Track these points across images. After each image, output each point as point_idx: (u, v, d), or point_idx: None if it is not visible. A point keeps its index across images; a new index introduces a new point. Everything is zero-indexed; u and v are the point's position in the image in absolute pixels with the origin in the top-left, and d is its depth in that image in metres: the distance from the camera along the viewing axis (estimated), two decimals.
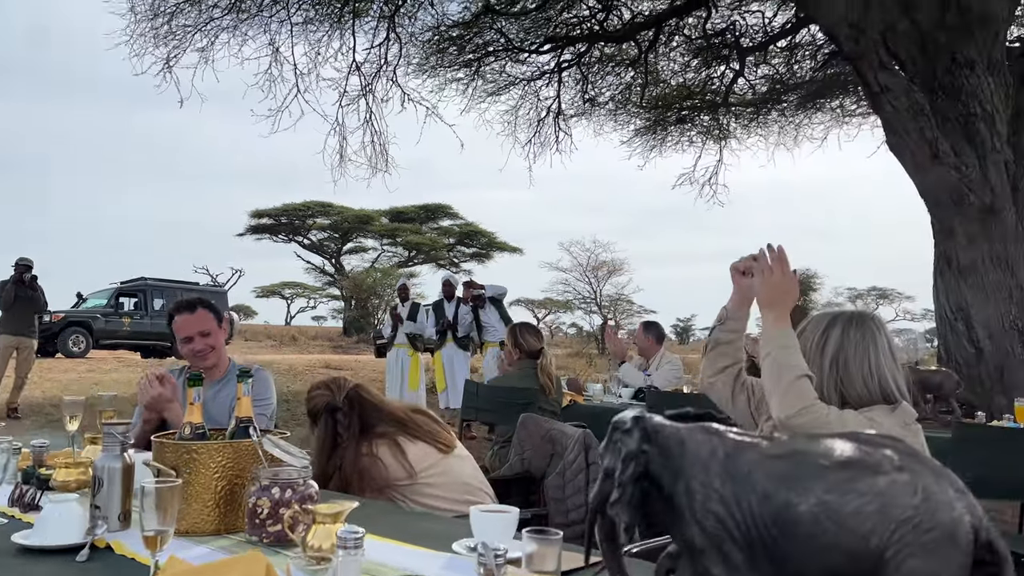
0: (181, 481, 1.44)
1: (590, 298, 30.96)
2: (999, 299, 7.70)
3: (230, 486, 1.68)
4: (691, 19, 11.91)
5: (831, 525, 0.75)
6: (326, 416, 2.41)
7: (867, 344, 1.81)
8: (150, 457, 1.75)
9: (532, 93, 12.89)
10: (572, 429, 2.53)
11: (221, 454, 1.69)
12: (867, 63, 7.73)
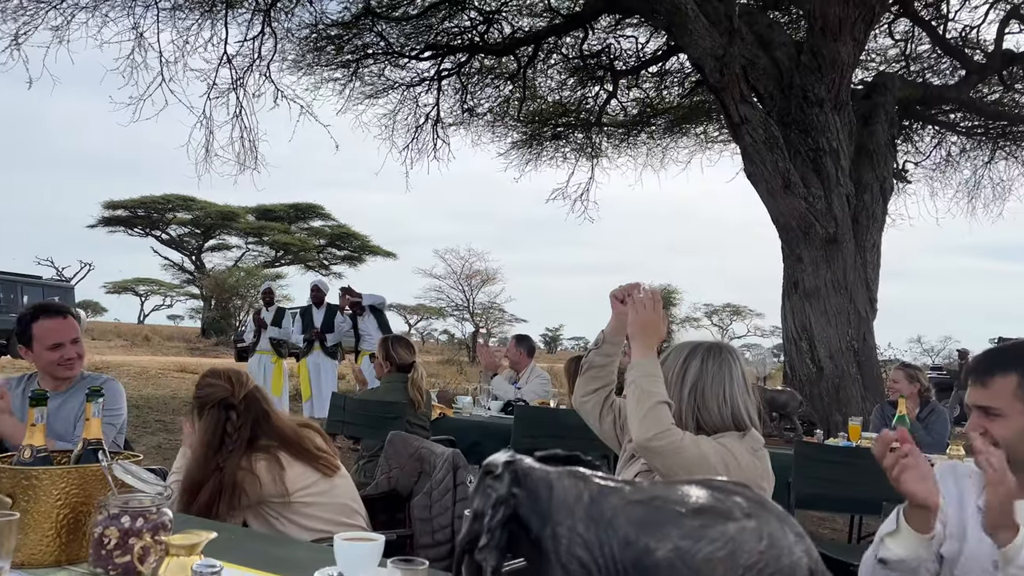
0: (17, 515, 1.33)
1: (463, 306, 31.04)
2: (839, 322, 8.35)
3: (74, 514, 1.57)
4: (569, 39, 12.22)
5: (686, 571, 0.80)
6: (219, 411, 2.26)
7: (723, 375, 1.93)
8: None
9: (411, 99, 12.83)
10: (441, 448, 2.53)
11: (65, 480, 1.57)
12: (729, 95, 8.20)
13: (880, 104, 9.36)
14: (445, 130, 13.15)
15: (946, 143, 13.32)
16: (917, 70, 12.13)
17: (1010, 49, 10.36)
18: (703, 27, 8.01)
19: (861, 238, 8.68)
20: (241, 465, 2.22)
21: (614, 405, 2.15)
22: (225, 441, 2.25)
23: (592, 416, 2.15)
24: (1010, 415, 1.65)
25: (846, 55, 8.30)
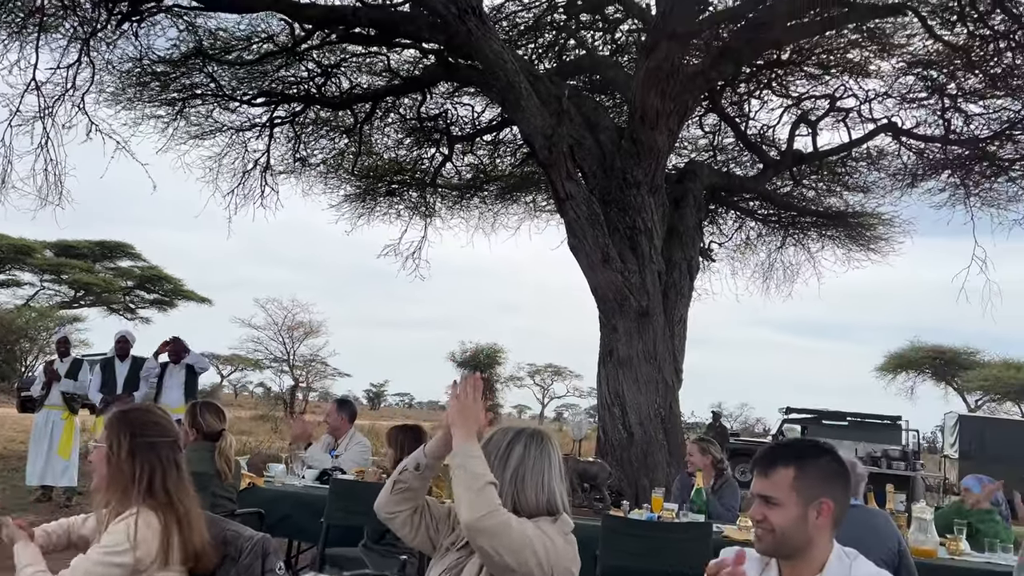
0: None
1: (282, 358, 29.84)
2: (648, 390, 8.86)
3: None
4: (408, 100, 12.41)
5: None
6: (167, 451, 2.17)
7: (544, 462, 2.03)
8: None
9: (240, 143, 12.43)
10: (250, 532, 2.42)
11: None
12: (557, 172, 8.64)
13: (690, 189, 10.21)
14: (275, 177, 12.83)
15: (746, 227, 14.71)
16: (723, 160, 13.39)
17: (799, 149, 11.70)
18: (535, 105, 8.43)
19: (670, 312, 9.32)
20: None
21: (425, 512, 2.17)
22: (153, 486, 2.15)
23: (403, 529, 2.17)
24: (787, 504, 1.84)
25: (662, 143, 9.02)
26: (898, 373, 32.08)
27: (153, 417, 2.29)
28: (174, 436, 2.29)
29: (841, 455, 1.95)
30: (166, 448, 2.24)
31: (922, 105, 11.25)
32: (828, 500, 1.84)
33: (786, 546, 1.83)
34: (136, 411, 2.34)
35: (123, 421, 2.25)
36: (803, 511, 1.83)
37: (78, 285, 29.27)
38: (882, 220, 13.17)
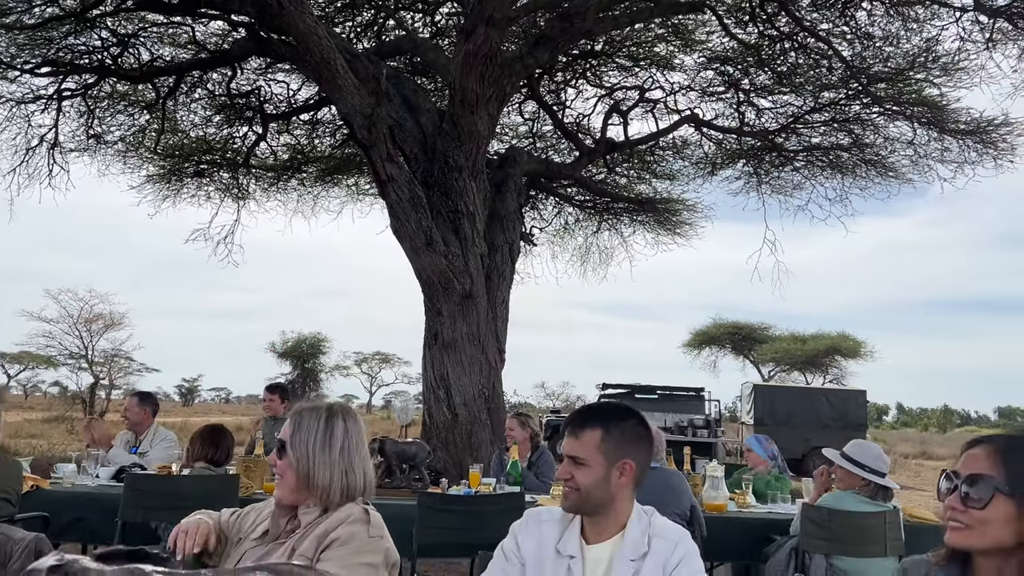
0: None
1: (80, 354, 27.32)
2: (473, 371, 8.97)
3: None
4: (216, 75, 11.71)
5: None
6: None
7: (362, 436, 1.98)
8: None
9: (22, 117, 11.20)
10: (22, 534, 2.19)
11: None
12: (377, 153, 8.49)
13: (511, 175, 10.41)
14: (64, 155, 11.69)
15: (564, 213, 15.24)
16: (542, 147, 13.76)
17: (612, 138, 12.25)
18: (352, 84, 8.22)
19: (493, 294, 9.48)
20: None
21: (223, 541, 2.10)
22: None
23: None
24: (593, 464, 1.90)
25: (482, 128, 9.10)
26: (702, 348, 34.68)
27: None
28: None
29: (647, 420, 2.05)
30: None
31: (720, 98, 12.14)
32: (631, 461, 1.92)
33: (590, 504, 1.90)
34: None
35: None
36: (607, 471, 1.90)
37: None
38: (686, 206, 14.11)
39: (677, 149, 13.30)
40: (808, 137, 12.07)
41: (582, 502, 1.90)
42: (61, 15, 9.96)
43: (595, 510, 1.92)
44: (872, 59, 10.33)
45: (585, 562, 1.88)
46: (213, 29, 11.08)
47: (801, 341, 32.04)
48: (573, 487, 1.90)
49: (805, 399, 17.95)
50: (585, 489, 1.89)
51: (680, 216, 14.21)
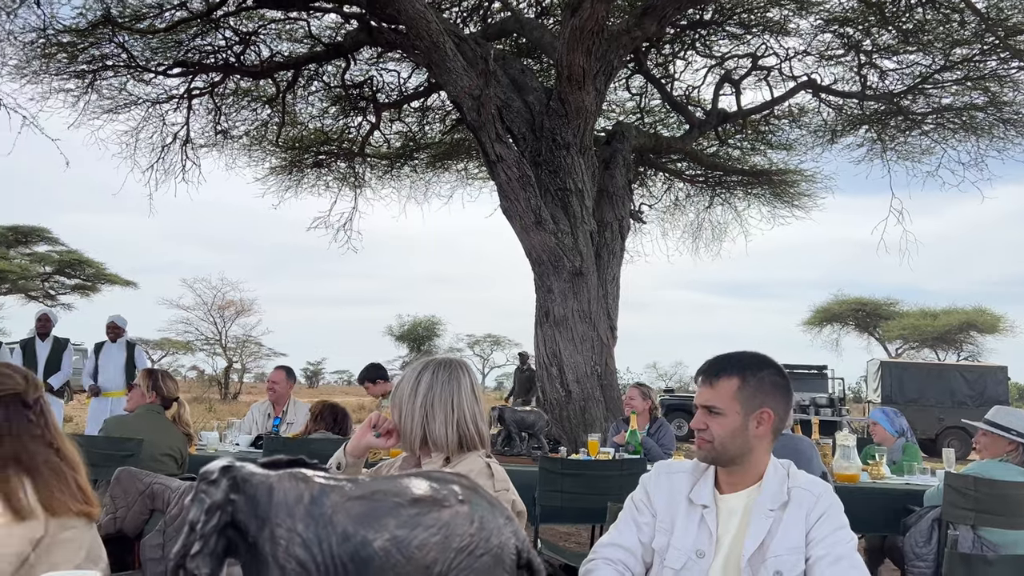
0: None
1: (215, 339, 29.10)
2: (584, 348, 8.97)
3: None
4: (331, 67, 12.13)
5: (400, 558, 0.83)
6: (13, 402, 1.97)
7: (451, 388, 2.00)
8: None
9: (157, 116, 11.97)
10: (177, 482, 2.37)
11: None
12: (486, 134, 8.58)
13: (619, 150, 10.29)
14: (196, 151, 12.42)
15: (674, 189, 14.94)
16: (650, 122, 13.52)
17: (723, 108, 11.89)
18: (461, 66, 8.33)
19: (603, 271, 9.43)
20: None
21: None
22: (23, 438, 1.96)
23: None
24: (728, 413, 1.85)
25: (589, 104, 9.04)
26: (823, 326, 33.27)
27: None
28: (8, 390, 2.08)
29: None
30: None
31: (839, 62, 11.56)
32: (768, 410, 1.87)
33: (725, 455, 1.86)
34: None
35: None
36: (744, 420, 1.85)
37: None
38: (804, 176, 13.54)
39: (793, 117, 12.77)
40: (938, 98, 11.33)
41: (717, 453, 1.86)
42: (189, 17, 10.57)
43: (731, 460, 1.87)
44: (1011, 9, 9.57)
45: (719, 512, 1.85)
46: (327, 23, 11.47)
47: (932, 316, 30.23)
48: (707, 438, 1.86)
49: (938, 376, 16.95)
50: (720, 439, 1.85)
51: (798, 187, 13.65)
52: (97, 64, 10.94)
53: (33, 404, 2.05)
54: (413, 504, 0.86)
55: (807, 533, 1.77)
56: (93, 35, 10.56)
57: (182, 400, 4.19)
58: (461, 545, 0.85)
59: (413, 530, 0.84)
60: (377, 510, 0.85)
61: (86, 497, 2.03)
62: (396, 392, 1.99)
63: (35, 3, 9.92)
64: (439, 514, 0.86)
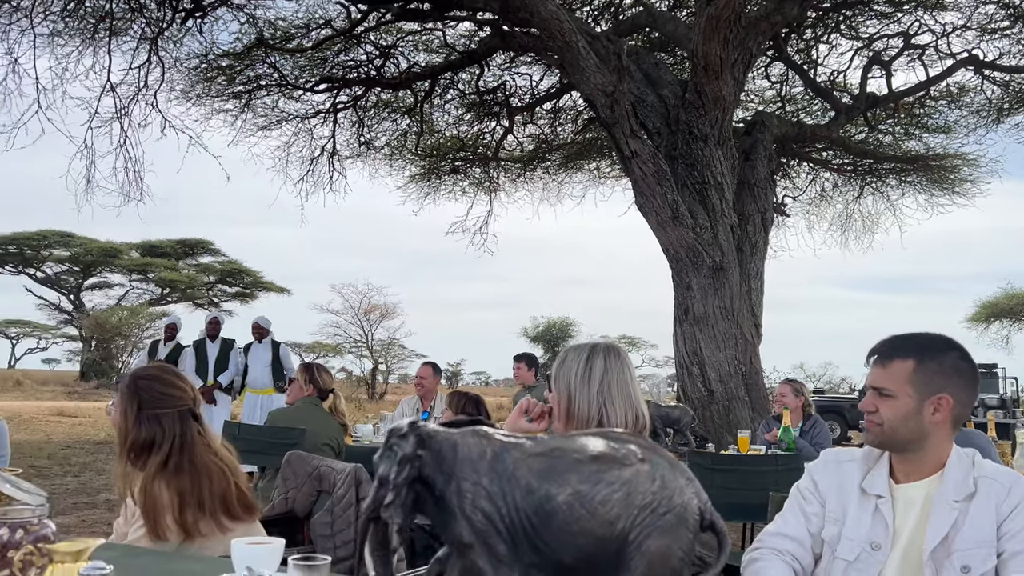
0: None
1: (361, 342, 30.52)
2: (727, 346, 8.71)
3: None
4: (465, 75, 12.42)
5: (583, 512, 0.83)
6: (186, 416, 2.12)
7: (626, 373, 1.99)
8: None
9: (306, 131, 12.68)
10: (342, 464, 2.50)
11: None
12: (620, 130, 8.52)
13: (759, 140, 9.94)
14: (341, 162, 13.06)
15: (820, 179, 14.24)
16: (792, 110, 12.96)
17: (873, 92, 11.23)
18: (594, 64, 8.32)
19: (745, 266, 9.13)
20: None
21: None
22: (172, 455, 2.07)
23: None
24: (900, 397, 1.73)
25: (727, 93, 8.78)
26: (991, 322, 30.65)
27: (160, 387, 2.20)
28: (183, 403, 2.20)
29: None
30: (170, 418, 2.15)
31: (1005, 35, 10.66)
32: (948, 396, 1.73)
33: (896, 440, 1.74)
34: (145, 380, 2.23)
35: (132, 390, 2.20)
36: (918, 405, 1.72)
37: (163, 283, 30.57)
38: (966, 161, 12.56)
39: (952, 97, 11.88)
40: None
41: (886, 437, 1.74)
42: (333, 35, 11.15)
43: (903, 447, 1.75)
44: None
45: (895, 502, 1.74)
46: (461, 31, 11.76)
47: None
48: (876, 420, 1.75)
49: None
50: (890, 423, 1.73)
51: (959, 173, 12.68)
52: (252, 84, 11.72)
53: (199, 417, 2.21)
54: (593, 461, 0.86)
55: (998, 526, 1.63)
56: (248, 58, 11.34)
57: (337, 392, 4.41)
58: (644, 503, 0.84)
59: (595, 486, 0.85)
60: (558, 466, 0.86)
61: (245, 498, 2.16)
62: (560, 376, 1.98)
63: (198, 31, 10.78)
64: (620, 472, 0.86)
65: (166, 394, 2.16)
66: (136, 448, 2.11)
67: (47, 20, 9.89)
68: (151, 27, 10.45)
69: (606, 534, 0.83)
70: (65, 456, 9.02)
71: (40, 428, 12.13)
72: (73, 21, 10.16)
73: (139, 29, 10.55)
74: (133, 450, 2.12)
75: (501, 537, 0.84)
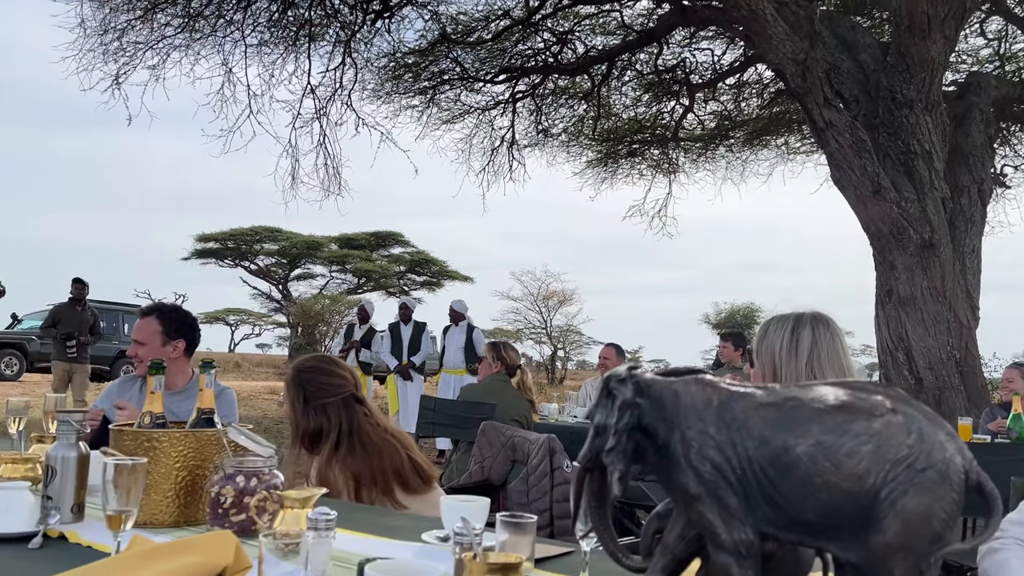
0: (146, 460, 1.39)
1: (540, 327, 31.02)
2: (938, 331, 7.96)
3: (191, 477, 1.63)
4: (643, 55, 12.19)
5: (827, 464, 0.76)
6: (349, 401, 2.24)
7: (835, 343, 1.85)
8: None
9: (487, 122, 13.00)
10: (535, 435, 2.52)
11: (183, 443, 1.63)
12: (813, 100, 8.00)
13: (974, 104, 8.98)
14: (520, 151, 13.26)
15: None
16: (1012, 70, 11.60)
17: None
18: (782, 31, 7.86)
19: (959, 243, 8.31)
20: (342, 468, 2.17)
21: None
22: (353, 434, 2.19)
23: None
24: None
25: (936, 53, 8.00)
26: None
27: (322, 378, 2.29)
28: (345, 390, 2.28)
29: None
30: (334, 406, 2.24)
31: None
32: None
33: None
34: (306, 372, 2.33)
35: (296, 383, 2.30)
36: None
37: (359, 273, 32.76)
38: None
39: None
40: None
41: None
42: (511, 24, 11.32)
43: None
44: None
45: None
46: (639, 10, 11.55)
47: None
48: None
49: None
50: None
51: None
52: (436, 79, 12.18)
53: (363, 399, 2.29)
54: (836, 411, 0.79)
55: None
56: (432, 54, 11.79)
57: (524, 367, 4.50)
58: (898, 456, 0.76)
59: (840, 437, 0.77)
60: (796, 416, 0.80)
61: (420, 468, 2.23)
62: (763, 350, 1.88)
63: (386, 31, 11.35)
64: (868, 423, 0.78)
65: (328, 384, 2.28)
66: (308, 437, 2.25)
67: (256, 31, 10.81)
68: (345, 31, 11.14)
69: (853, 489, 0.75)
70: (279, 430, 9.88)
71: (257, 405, 13.38)
72: (278, 30, 11.03)
73: (334, 33, 11.28)
74: (305, 439, 2.26)
75: (732, 489, 0.79)
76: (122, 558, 1.22)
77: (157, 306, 3.02)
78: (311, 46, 11.30)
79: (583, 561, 1.34)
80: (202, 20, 10.47)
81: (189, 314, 3.04)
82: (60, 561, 1.34)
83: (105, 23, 10.03)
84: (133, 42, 10.37)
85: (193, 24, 10.45)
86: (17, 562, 1.36)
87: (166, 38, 10.53)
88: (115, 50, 10.29)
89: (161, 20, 10.30)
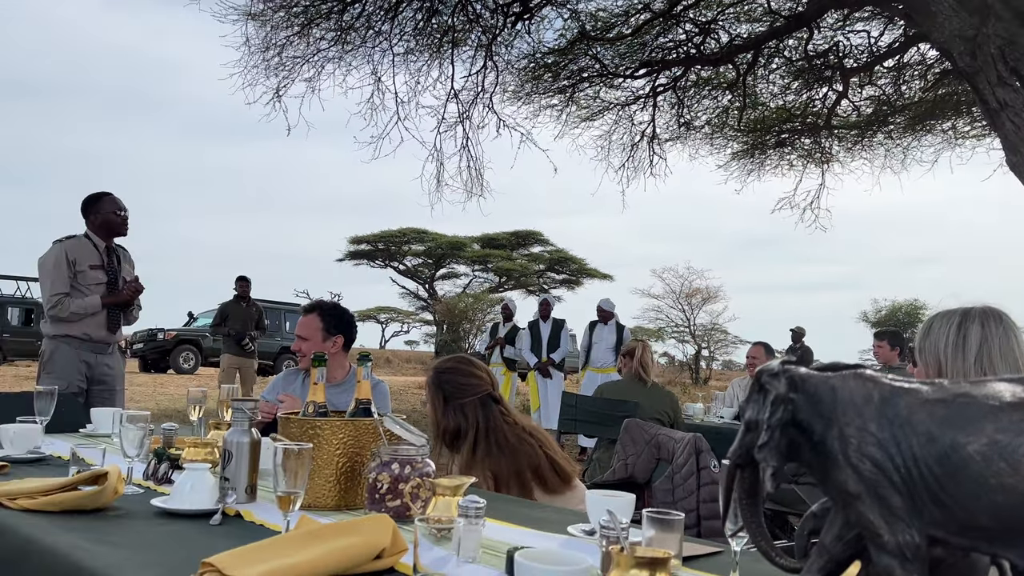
0: (311, 446, 1.49)
1: (683, 326, 30.36)
2: None
3: (350, 463, 1.73)
4: (792, 41, 11.67)
5: (1003, 465, 0.71)
6: (487, 401, 2.31)
7: (1010, 340, 1.70)
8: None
9: (626, 118, 12.87)
10: (680, 434, 2.49)
11: (343, 431, 1.74)
12: (984, 79, 7.38)
13: None
14: (661, 146, 13.05)
15: None
16: None
17: None
18: (948, 7, 7.30)
19: None
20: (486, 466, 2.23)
21: None
22: (490, 434, 2.25)
23: None
24: None
25: None
26: None
27: (460, 379, 2.36)
28: (482, 390, 2.33)
29: None
30: (472, 406, 2.29)
31: None
32: None
33: None
34: (445, 373, 2.40)
35: (436, 384, 2.38)
36: None
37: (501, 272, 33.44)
38: None
39: None
40: None
41: None
42: (652, 17, 11.16)
43: None
44: None
45: None
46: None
47: None
48: None
49: None
50: None
51: None
52: (575, 78, 12.20)
53: (500, 399, 2.33)
54: (1014, 409, 0.73)
55: None
56: (571, 52, 11.82)
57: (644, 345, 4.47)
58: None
59: (1018, 436, 0.72)
60: (967, 413, 0.75)
61: (559, 466, 2.25)
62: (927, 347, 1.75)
63: (526, 32, 11.49)
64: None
65: (465, 384, 2.34)
66: (448, 435, 2.33)
67: (402, 40, 11.25)
68: (486, 35, 11.38)
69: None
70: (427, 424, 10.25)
71: (406, 400, 13.93)
72: (423, 38, 11.43)
73: (476, 38, 11.56)
74: (446, 437, 2.34)
75: (895, 488, 0.75)
76: (292, 536, 1.32)
77: (318, 304, 3.20)
78: (454, 52, 11.64)
79: (733, 561, 1.31)
80: (353, 32, 11.02)
81: (347, 311, 3.21)
82: (237, 537, 1.46)
83: (267, 40, 10.77)
84: (292, 57, 11.07)
85: (345, 37, 11.03)
86: (201, 537, 1.50)
87: (320, 51, 11.17)
88: (275, 65, 11.03)
89: (316, 35, 10.93)
